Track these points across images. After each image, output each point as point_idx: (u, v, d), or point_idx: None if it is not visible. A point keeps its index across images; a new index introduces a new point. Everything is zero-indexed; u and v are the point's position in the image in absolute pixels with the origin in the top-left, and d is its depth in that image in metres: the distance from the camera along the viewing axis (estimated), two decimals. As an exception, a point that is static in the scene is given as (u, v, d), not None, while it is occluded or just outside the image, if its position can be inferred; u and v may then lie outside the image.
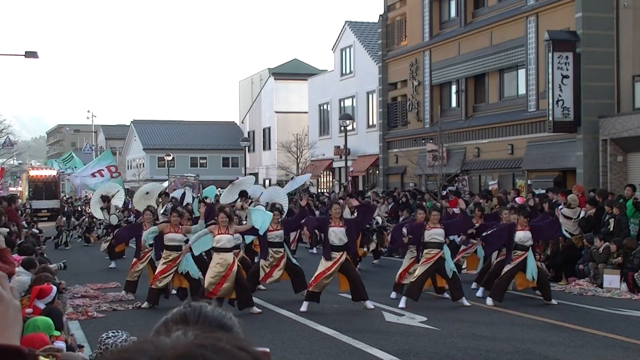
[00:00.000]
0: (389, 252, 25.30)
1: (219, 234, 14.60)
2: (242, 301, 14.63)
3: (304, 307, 14.96)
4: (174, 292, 16.70)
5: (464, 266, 19.79)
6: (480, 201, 22.63)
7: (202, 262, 16.34)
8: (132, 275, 17.66)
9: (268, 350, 1.59)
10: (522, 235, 16.01)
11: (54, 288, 9.39)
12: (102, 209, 26.22)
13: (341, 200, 21.36)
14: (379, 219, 24.14)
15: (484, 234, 17.08)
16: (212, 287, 14.36)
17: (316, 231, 18.18)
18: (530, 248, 16.03)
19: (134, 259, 18.10)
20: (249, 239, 17.75)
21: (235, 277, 14.52)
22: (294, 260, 16.99)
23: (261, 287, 17.58)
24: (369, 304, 15.14)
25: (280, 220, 17.09)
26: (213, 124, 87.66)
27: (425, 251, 15.77)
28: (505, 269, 15.94)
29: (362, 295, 15.17)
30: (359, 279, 15.45)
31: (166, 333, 1.55)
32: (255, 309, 14.82)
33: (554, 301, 15.70)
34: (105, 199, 26.45)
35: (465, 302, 15.46)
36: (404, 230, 16.23)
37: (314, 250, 26.96)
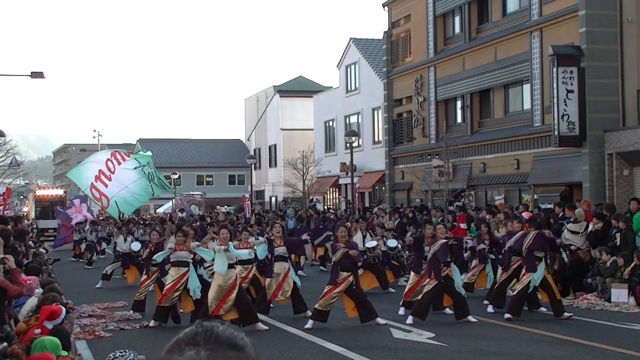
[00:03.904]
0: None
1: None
2: (245, 319, 14.63)
3: (309, 325, 14.96)
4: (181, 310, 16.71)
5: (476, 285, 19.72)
6: (487, 217, 22.60)
7: (205, 283, 16.40)
8: (140, 295, 17.66)
9: None
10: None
11: (64, 310, 9.40)
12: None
13: (348, 224, 21.13)
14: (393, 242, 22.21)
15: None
16: (214, 306, 14.38)
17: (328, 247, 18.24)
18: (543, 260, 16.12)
19: (144, 277, 18.11)
20: (261, 256, 17.67)
21: (237, 294, 14.55)
22: (296, 279, 16.94)
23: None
24: (380, 320, 15.13)
25: (281, 236, 17.17)
26: (219, 142, 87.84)
27: None
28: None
29: (372, 314, 15.13)
30: (365, 298, 15.41)
31: (179, 353, 1.57)
32: (262, 326, 14.83)
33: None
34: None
35: (472, 319, 15.43)
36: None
37: (324, 268, 27.06)
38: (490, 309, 16.81)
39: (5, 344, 7.60)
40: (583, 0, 27.40)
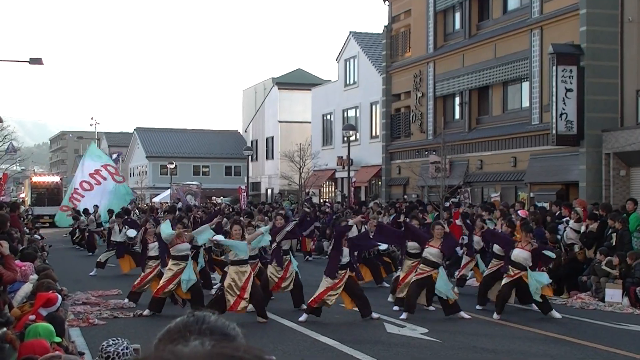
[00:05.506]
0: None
1: None
2: (260, 310, 14.83)
3: (302, 318, 14.96)
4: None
5: (468, 277, 19.81)
6: (483, 213, 22.60)
7: (206, 274, 16.43)
8: (140, 288, 17.54)
9: (274, 358, 1.60)
10: (525, 255, 15.84)
11: (59, 297, 9.38)
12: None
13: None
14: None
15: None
16: (232, 301, 14.41)
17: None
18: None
19: (143, 274, 17.87)
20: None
21: (252, 290, 14.66)
22: (297, 270, 16.96)
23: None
24: (374, 315, 15.16)
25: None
26: (216, 133, 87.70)
27: (420, 265, 15.88)
28: (504, 282, 15.93)
29: (369, 309, 15.18)
30: (362, 293, 15.42)
31: (184, 342, 1.56)
32: (260, 319, 14.90)
33: (556, 314, 15.55)
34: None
35: (465, 315, 15.42)
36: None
37: (310, 258, 27.79)
38: (478, 306, 16.82)
39: (4, 329, 7.59)
40: (584, -1, 27.38)
